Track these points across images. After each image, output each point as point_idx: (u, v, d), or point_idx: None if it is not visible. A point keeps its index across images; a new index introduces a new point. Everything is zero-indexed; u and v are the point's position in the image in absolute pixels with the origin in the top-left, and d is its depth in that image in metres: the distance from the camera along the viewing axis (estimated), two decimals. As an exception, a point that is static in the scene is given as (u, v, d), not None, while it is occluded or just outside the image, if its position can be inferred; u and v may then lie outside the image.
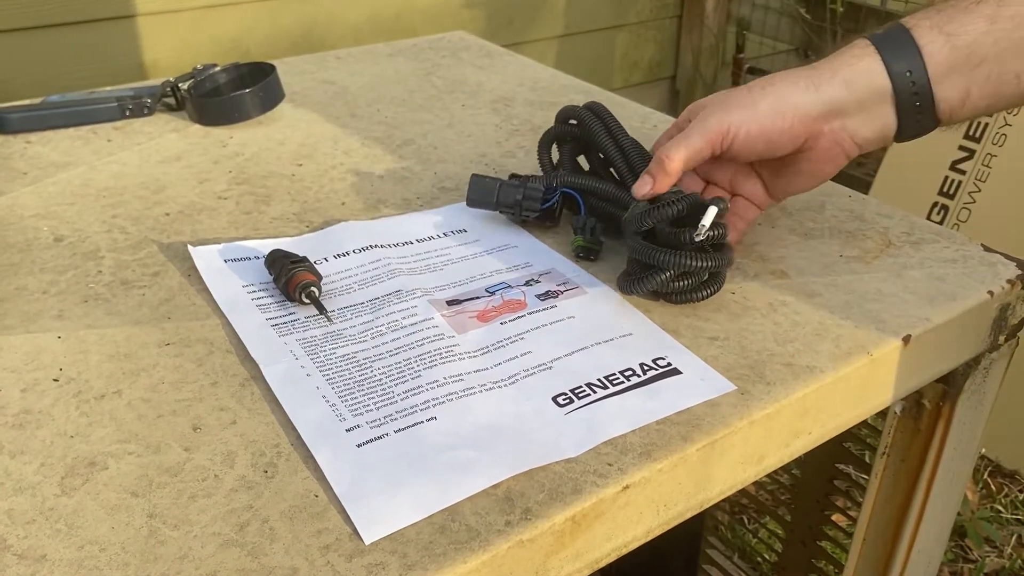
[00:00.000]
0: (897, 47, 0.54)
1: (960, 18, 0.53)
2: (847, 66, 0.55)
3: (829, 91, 0.55)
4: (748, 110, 0.56)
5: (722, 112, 0.57)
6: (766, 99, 0.56)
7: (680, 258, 0.53)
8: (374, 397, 0.48)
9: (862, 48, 0.56)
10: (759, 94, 0.57)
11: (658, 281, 0.54)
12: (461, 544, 0.40)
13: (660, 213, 0.55)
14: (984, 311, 0.59)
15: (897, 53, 0.54)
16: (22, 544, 0.39)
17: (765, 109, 0.56)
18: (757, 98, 0.56)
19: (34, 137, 0.79)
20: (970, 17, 0.53)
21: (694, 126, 0.57)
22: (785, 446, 0.51)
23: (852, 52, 0.56)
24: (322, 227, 0.65)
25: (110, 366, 0.50)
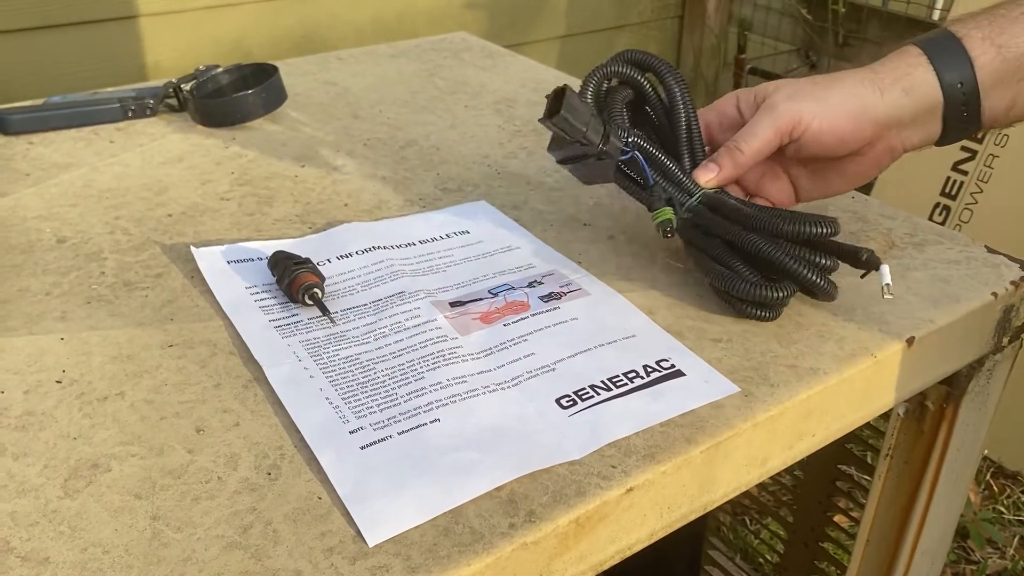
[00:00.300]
0: (949, 58, 0.54)
1: (1011, 29, 0.54)
2: (906, 75, 0.55)
3: (892, 97, 0.55)
4: (820, 104, 0.55)
5: (791, 102, 0.55)
6: (836, 94, 0.55)
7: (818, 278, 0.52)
8: (377, 399, 0.48)
9: (916, 57, 0.55)
10: (828, 88, 0.55)
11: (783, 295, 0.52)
12: (465, 546, 0.39)
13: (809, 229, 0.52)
14: (988, 313, 0.59)
15: (949, 64, 0.54)
16: (25, 546, 0.39)
17: (836, 104, 0.55)
18: (827, 92, 0.55)
19: (36, 138, 0.78)
20: (1021, 27, 0.53)
21: (762, 116, 0.56)
22: (789, 448, 0.51)
23: (907, 60, 0.55)
24: (325, 228, 0.65)
25: (113, 368, 0.50)
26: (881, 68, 0.56)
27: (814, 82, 0.56)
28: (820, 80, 0.56)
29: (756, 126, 0.56)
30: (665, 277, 0.59)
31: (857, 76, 0.56)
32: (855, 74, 0.56)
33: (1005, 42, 0.54)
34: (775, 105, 0.56)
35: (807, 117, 0.55)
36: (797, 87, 0.56)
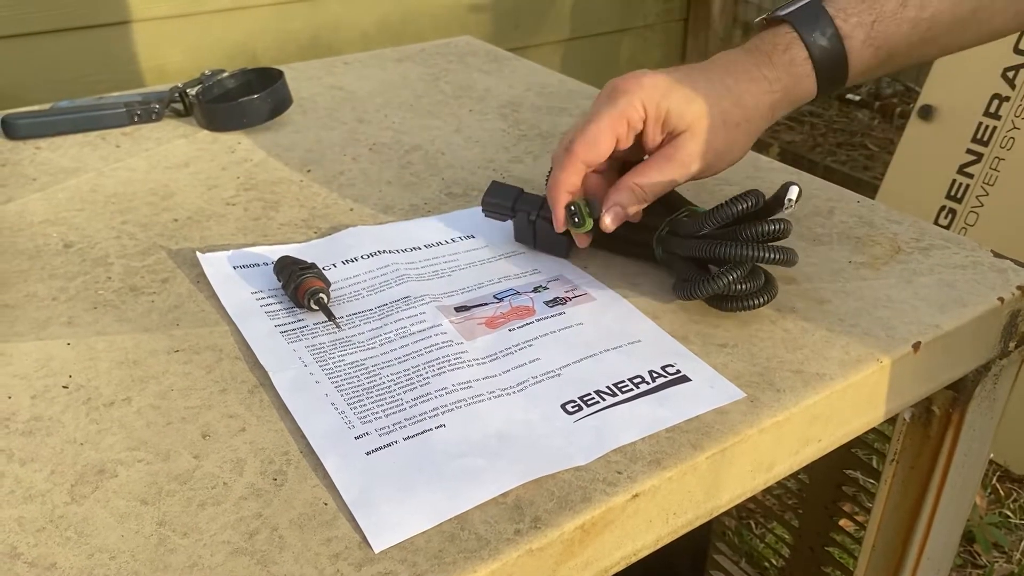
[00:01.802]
0: (831, 62, 0.57)
1: (888, 28, 0.56)
2: (795, 87, 0.58)
3: (780, 111, 0.59)
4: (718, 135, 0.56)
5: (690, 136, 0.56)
6: (742, 139, 0.57)
7: (752, 250, 0.52)
8: (383, 404, 0.48)
9: (804, 63, 0.57)
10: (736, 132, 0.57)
11: (728, 280, 0.52)
12: (471, 553, 0.39)
13: (727, 211, 0.53)
14: (994, 317, 0.59)
15: (830, 70, 0.57)
16: (32, 552, 0.39)
17: (740, 149, 0.58)
18: (735, 137, 0.57)
19: (43, 143, 0.79)
20: (896, 25, 0.56)
21: (667, 162, 0.56)
22: (794, 454, 0.51)
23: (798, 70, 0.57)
24: (330, 233, 0.65)
25: (119, 373, 0.50)
26: (778, 79, 0.57)
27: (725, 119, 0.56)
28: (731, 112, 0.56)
29: (660, 171, 0.56)
30: (670, 282, 0.59)
31: (762, 100, 0.57)
32: (759, 95, 0.57)
33: (882, 43, 0.57)
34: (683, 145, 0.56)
35: (713, 168, 0.58)
36: (712, 128, 0.56)
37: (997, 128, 1.52)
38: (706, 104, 0.56)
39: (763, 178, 0.74)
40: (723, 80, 0.57)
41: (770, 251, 0.53)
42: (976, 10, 0.56)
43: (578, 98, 0.91)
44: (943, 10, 0.56)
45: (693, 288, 0.54)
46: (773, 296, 0.55)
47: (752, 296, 0.54)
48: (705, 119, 0.56)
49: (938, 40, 0.57)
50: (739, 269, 0.53)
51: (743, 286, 0.53)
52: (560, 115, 0.86)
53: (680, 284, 0.55)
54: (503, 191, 0.62)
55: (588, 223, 0.57)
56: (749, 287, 0.54)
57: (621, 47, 2.18)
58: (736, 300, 0.54)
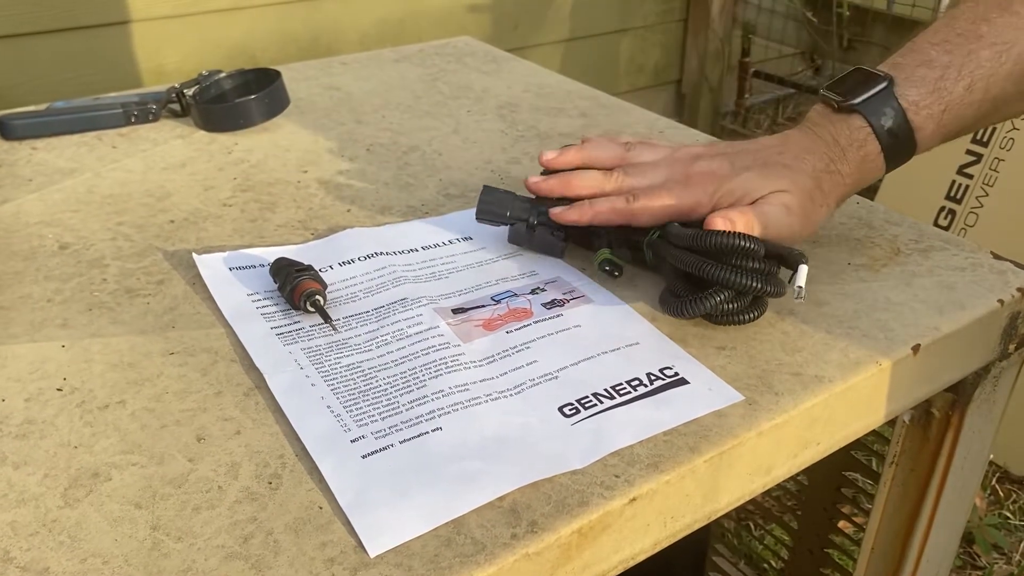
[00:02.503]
0: (902, 150, 0.57)
1: (957, 112, 0.56)
2: (863, 180, 0.58)
3: (839, 201, 0.59)
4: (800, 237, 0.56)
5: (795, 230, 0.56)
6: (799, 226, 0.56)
7: (745, 279, 0.52)
8: (379, 407, 0.47)
9: (876, 158, 0.57)
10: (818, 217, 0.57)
11: (716, 301, 0.52)
12: (467, 557, 0.39)
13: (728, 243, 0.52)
14: (994, 320, 0.58)
15: (898, 156, 0.57)
16: (25, 556, 0.39)
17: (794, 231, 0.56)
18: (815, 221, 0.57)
19: (39, 143, 0.78)
20: (963, 108, 0.56)
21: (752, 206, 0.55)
22: (793, 457, 0.51)
23: (870, 165, 0.57)
24: (327, 234, 0.65)
25: (114, 375, 0.50)
26: (851, 174, 0.57)
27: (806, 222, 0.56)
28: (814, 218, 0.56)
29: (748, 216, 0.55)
30: (669, 284, 0.59)
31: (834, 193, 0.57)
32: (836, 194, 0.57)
33: (948, 123, 0.57)
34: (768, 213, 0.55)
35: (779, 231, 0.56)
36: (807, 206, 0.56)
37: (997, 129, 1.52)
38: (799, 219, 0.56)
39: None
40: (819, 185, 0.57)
41: (765, 283, 0.52)
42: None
43: (576, 99, 0.91)
44: (1007, 88, 0.56)
45: (682, 307, 0.53)
46: (763, 312, 0.54)
47: (741, 313, 0.54)
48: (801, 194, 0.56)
49: (999, 113, 0.58)
50: (728, 291, 0.52)
51: (732, 305, 0.53)
52: (558, 116, 0.86)
53: (668, 299, 0.55)
54: (497, 197, 0.62)
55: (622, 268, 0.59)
56: (738, 306, 0.53)
57: (620, 47, 2.18)
58: (726, 316, 0.54)
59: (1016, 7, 0.55)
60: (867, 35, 2.19)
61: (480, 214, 0.62)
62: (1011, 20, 0.55)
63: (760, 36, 2.38)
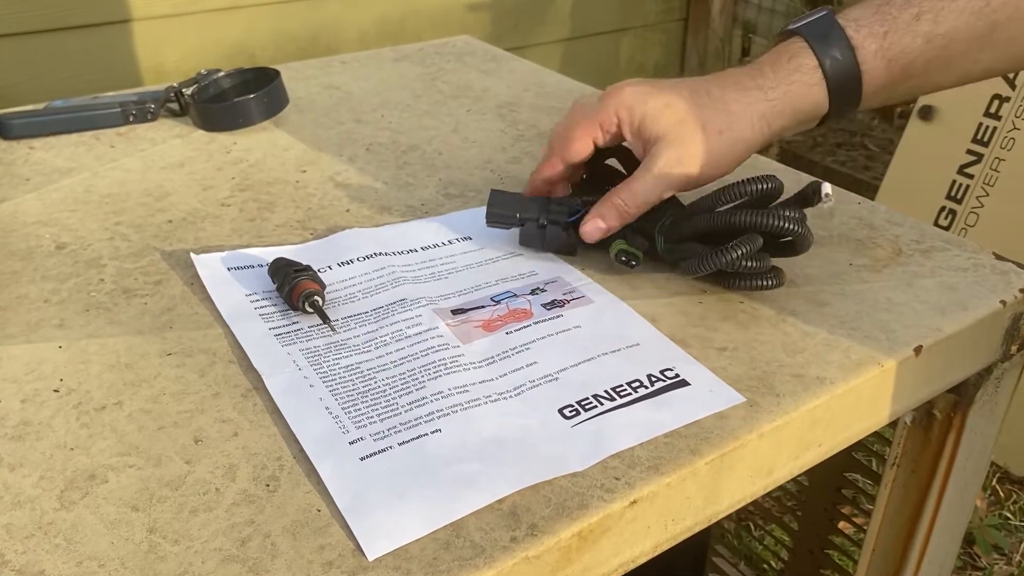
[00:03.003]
0: (843, 73, 0.55)
1: (902, 40, 0.55)
2: (799, 97, 0.56)
3: (779, 123, 0.57)
4: (697, 143, 0.55)
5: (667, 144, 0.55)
6: (725, 148, 0.56)
7: (773, 219, 0.52)
8: (378, 409, 0.47)
9: (812, 72, 0.55)
10: (718, 141, 0.55)
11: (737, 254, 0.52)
12: (466, 561, 0.39)
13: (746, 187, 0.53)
14: (996, 321, 0.58)
15: (841, 80, 0.55)
16: (20, 559, 0.39)
17: (727, 156, 0.56)
18: (716, 146, 0.56)
19: (37, 143, 0.78)
20: (910, 38, 0.55)
21: (647, 176, 0.56)
22: (795, 459, 0.50)
23: (804, 78, 0.55)
24: (326, 234, 0.64)
25: (111, 376, 0.50)
26: (776, 87, 0.56)
27: (704, 128, 0.55)
28: (712, 119, 0.55)
29: (642, 182, 0.56)
30: (669, 285, 0.59)
31: (752, 108, 0.56)
32: (748, 104, 0.56)
33: (895, 55, 0.55)
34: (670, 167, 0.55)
35: (696, 178, 0.56)
36: (688, 133, 0.55)
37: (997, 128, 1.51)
38: (683, 110, 0.55)
39: (763, 179, 0.73)
40: (709, 89, 0.56)
41: (790, 222, 0.52)
42: (994, 28, 0.54)
43: (576, 97, 0.90)
44: (959, 26, 0.54)
45: (700, 262, 0.53)
46: (781, 282, 0.55)
47: (760, 276, 0.54)
48: (680, 125, 0.55)
49: (956, 61, 0.56)
50: (749, 244, 0.52)
51: (752, 263, 0.53)
52: (558, 115, 0.85)
53: (685, 262, 0.55)
54: (506, 200, 0.61)
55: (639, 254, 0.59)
56: (758, 266, 0.53)
57: (621, 47, 2.18)
58: (743, 278, 0.54)
59: None
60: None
61: (490, 218, 0.61)
62: None
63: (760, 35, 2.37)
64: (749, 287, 0.54)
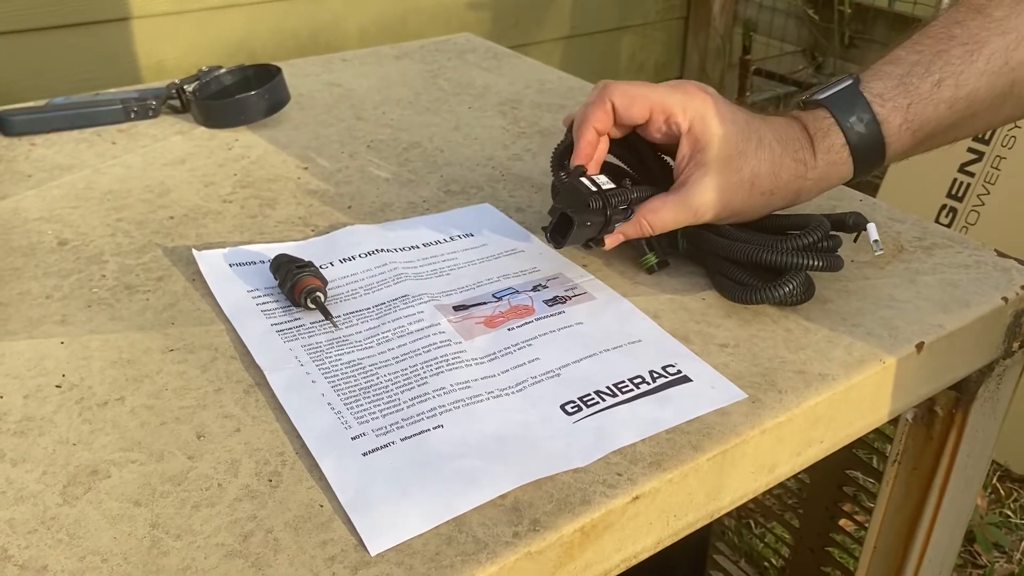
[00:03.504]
0: (868, 148, 0.56)
1: (925, 111, 0.55)
2: (830, 176, 0.57)
3: (805, 198, 0.58)
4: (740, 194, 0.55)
5: (715, 184, 0.55)
6: (759, 206, 0.56)
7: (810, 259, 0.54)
8: (380, 404, 0.47)
9: (840, 150, 0.56)
10: (759, 199, 0.56)
11: (788, 289, 0.54)
12: (468, 556, 0.39)
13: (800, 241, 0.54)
14: (998, 318, 0.58)
15: (867, 155, 0.56)
16: (23, 554, 0.39)
17: (751, 214, 0.57)
18: (755, 203, 0.56)
19: (38, 139, 0.78)
20: (933, 106, 0.55)
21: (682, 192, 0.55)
22: (797, 455, 0.50)
23: (834, 158, 0.56)
24: (328, 231, 0.64)
25: (113, 372, 0.50)
26: (815, 168, 0.56)
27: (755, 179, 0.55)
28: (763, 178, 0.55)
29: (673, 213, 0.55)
30: (671, 281, 0.59)
31: (794, 183, 0.56)
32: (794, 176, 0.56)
33: (919, 127, 0.56)
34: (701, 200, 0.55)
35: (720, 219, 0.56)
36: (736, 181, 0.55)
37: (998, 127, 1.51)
38: (746, 160, 0.55)
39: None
40: (772, 147, 0.56)
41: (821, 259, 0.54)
42: (1013, 84, 0.55)
43: (578, 95, 0.90)
44: (980, 87, 0.55)
45: (755, 294, 0.54)
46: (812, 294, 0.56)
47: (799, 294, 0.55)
48: (736, 175, 0.55)
49: (977, 118, 0.56)
50: (799, 277, 0.54)
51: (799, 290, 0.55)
52: (560, 112, 0.86)
53: (735, 288, 0.55)
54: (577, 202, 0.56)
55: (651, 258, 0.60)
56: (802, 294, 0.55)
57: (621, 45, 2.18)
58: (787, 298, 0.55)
59: (990, 10, 0.55)
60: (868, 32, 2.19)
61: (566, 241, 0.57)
62: (984, 22, 0.54)
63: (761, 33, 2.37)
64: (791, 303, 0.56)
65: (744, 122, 0.55)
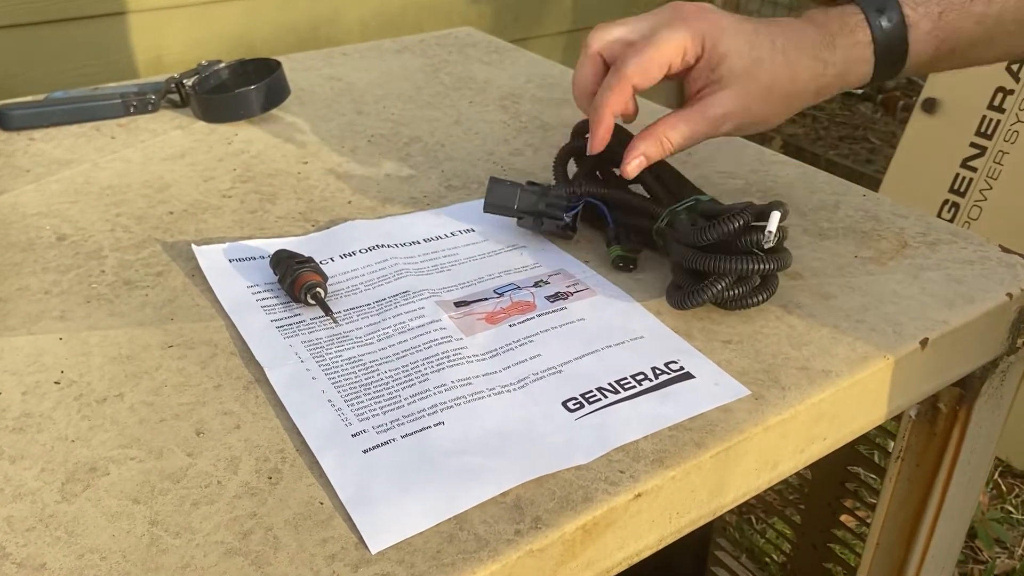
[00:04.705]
0: (892, 50, 0.55)
1: (955, 22, 0.55)
2: (851, 72, 0.56)
3: (827, 95, 0.57)
4: (760, 101, 0.54)
5: (733, 94, 0.54)
6: (780, 109, 0.55)
7: (740, 264, 0.51)
8: (380, 401, 0.47)
9: (865, 47, 0.55)
10: (778, 103, 0.55)
11: (715, 291, 0.52)
12: (470, 554, 0.39)
13: (722, 229, 0.51)
14: (1003, 313, 0.58)
15: (889, 57, 0.56)
16: (21, 552, 0.38)
17: (773, 119, 0.56)
18: (774, 107, 0.55)
19: (37, 134, 0.78)
20: (963, 18, 0.55)
21: (698, 105, 0.55)
22: (800, 452, 0.50)
23: (858, 54, 0.55)
24: (328, 226, 0.64)
25: (112, 368, 0.49)
26: (836, 63, 0.55)
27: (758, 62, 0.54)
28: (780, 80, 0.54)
29: (692, 125, 0.55)
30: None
31: (814, 81, 0.55)
32: (814, 75, 0.55)
33: (946, 37, 0.55)
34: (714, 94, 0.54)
35: (739, 115, 0.55)
36: (755, 89, 0.54)
37: (1001, 121, 1.51)
38: (762, 67, 0.54)
39: (767, 171, 0.73)
40: (786, 49, 0.55)
41: (763, 261, 0.52)
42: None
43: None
44: (1008, 7, 0.54)
45: (684, 298, 0.53)
46: (772, 293, 0.54)
47: (748, 297, 0.53)
48: (754, 82, 0.54)
49: (999, 40, 0.56)
50: (728, 277, 0.52)
51: (735, 291, 0.53)
52: (561, 107, 0.85)
53: (672, 292, 0.55)
54: (504, 192, 0.61)
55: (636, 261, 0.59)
56: (742, 291, 0.53)
57: (622, 39, 2.17)
58: (734, 301, 0.53)
59: None
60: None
61: (488, 207, 0.61)
62: None
63: (763, 28, 2.36)
64: (741, 307, 0.54)
65: (752, 31, 0.55)
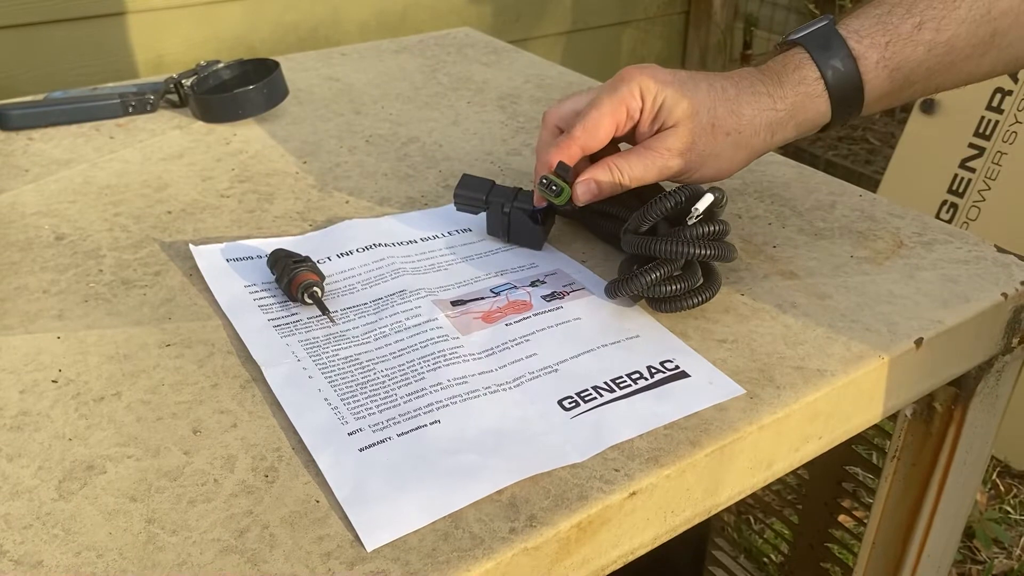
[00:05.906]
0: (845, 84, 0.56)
1: (904, 51, 0.55)
2: (804, 109, 0.56)
3: (783, 134, 0.57)
4: (706, 137, 0.55)
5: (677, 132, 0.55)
6: (730, 151, 0.56)
7: (671, 245, 0.50)
8: (377, 400, 0.47)
9: (815, 83, 0.55)
10: (725, 142, 0.55)
11: (648, 280, 0.51)
12: (465, 552, 0.39)
13: (659, 207, 0.52)
14: (998, 313, 0.58)
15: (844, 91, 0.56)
16: (18, 550, 0.39)
17: (727, 163, 0.56)
18: (723, 148, 0.56)
19: (36, 134, 0.78)
20: (912, 47, 0.55)
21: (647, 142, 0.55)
22: (795, 451, 0.50)
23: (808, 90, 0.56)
24: (325, 226, 0.64)
25: (110, 367, 0.50)
26: (784, 97, 0.56)
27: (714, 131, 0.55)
28: (723, 120, 0.55)
29: (640, 158, 0.55)
30: (670, 276, 0.58)
31: (761, 116, 0.56)
32: (759, 111, 0.55)
33: (898, 65, 0.55)
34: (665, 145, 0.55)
35: (692, 174, 0.56)
36: (699, 129, 0.55)
37: (999, 122, 1.51)
38: (699, 105, 0.55)
39: (764, 171, 0.73)
40: (725, 88, 0.56)
41: (704, 247, 0.51)
42: (994, 34, 0.54)
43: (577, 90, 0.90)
44: (960, 34, 0.54)
45: (617, 287, 0.53)
46: (711, 295, 0.53)
47: (686, 297, 0.52)
48: (693, 119, 0.55)
49: (957, 66, 0.56)
50: (663, 268, 0.51)
51: (671, 287, 0.52)
52: (559, 107, 0.85)
53: (610, 282, 0.54)
54: (475, 184, 0.61)
55: (566, 191, 0.56)
56: (679, 287, 0.52)
57: (622, 40, 2.17)
58: (668, 301, 0.53)
59: None
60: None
61: (457, 199, 0.62)
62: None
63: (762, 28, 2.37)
64: (678, 308, 0.53)
65: (688, 78, 0.56)
